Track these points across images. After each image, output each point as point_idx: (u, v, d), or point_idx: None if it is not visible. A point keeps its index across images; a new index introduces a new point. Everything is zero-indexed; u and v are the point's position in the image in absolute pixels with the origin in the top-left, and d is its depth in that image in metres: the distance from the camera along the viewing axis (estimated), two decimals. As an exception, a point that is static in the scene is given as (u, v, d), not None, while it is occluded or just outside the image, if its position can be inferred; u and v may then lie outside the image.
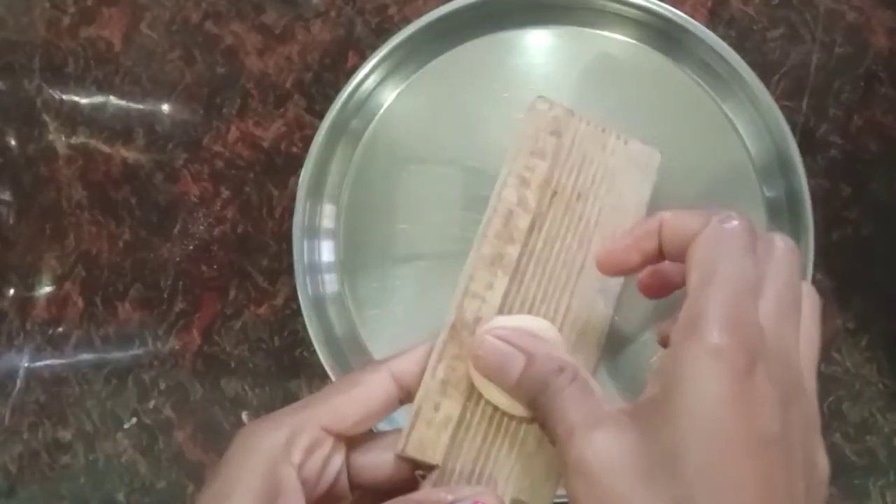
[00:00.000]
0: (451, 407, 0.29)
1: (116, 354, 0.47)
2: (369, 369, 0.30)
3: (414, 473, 0.30)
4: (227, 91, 0.48)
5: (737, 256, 0.25)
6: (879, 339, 0.42)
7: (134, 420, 0.46)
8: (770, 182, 0.42)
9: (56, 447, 0.47)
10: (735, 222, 0.26)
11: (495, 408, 0.29)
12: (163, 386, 0.46)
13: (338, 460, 0.29)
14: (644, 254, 0.29)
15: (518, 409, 0.29)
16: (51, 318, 0.48)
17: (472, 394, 0.29)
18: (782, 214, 0.41)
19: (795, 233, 0.40)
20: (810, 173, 0.41)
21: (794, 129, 0.41)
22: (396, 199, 0.44)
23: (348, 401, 0.29)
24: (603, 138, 0.33)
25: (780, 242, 0.27)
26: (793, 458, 0.23)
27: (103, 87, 0.49)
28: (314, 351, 0.42)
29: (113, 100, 0.49)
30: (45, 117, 0.49)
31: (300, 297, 0.43)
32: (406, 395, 0.30)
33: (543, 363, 0.27)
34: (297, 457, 0.27)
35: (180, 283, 0.47)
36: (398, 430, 0.30)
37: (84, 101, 0.49)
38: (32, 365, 0.47)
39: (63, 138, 0.49)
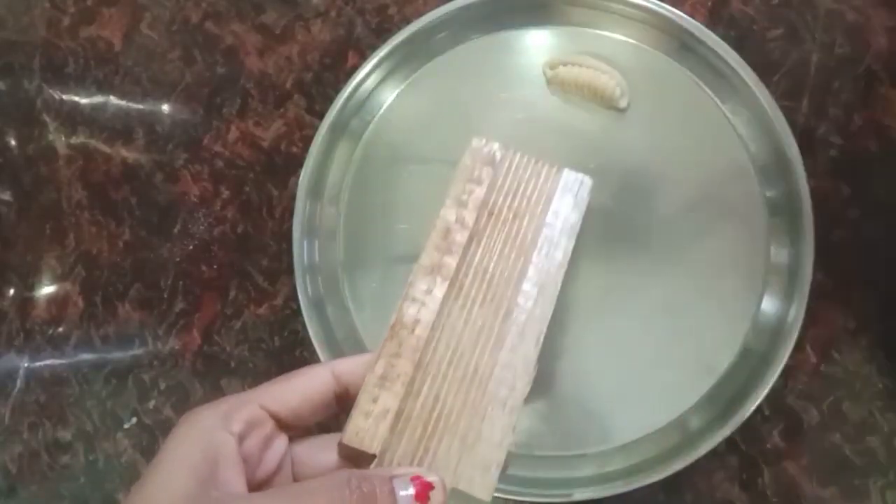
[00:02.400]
0: (389, 399, 0.31)
1: (116, 354, 0.47)
2: (312, 365, 0.31)
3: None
4: (227, 91, 0.48)
5: None
6: (879, 339, 0.42)
7: (134, 420, 0.46)
8: (770, 182, 0.42)
9: (56, 447, 0.46)
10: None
11: (434, 401, 0.31)
12: (163, 386, 0.46)
13: (280, 445, 0.30)
14: None
15: None
16: (51, 318, 0.48)
17: (411, 389, 0.31)
18: (782, 214, 0.41)
19: (795, 233, 0.40)
20: (810, 173, 0.40)
21: (794, 129, 0.41)
22: (396, 199, 0.44)
23: (287, 387, 0.30)
24: (537, 168, 0.36)
25: None
26: None
27: (103, 87, 0.49)
28: (314, 351, 0.42)
29: (113, 100, 0.49)
30: (45, 117, 0.49)
31: (300, 297, 0.43)
32: (344, 392, 0.31)
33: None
34: (236, 427, 0.27)
35: (180, 283, 0.47)
36: (339, 433, 0.31)
37: (84, 101, 0.49)
38: (32, 365, 0.47)
39: (63, 138, 0.49)
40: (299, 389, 0.30)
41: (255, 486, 0.29)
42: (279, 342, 0.46)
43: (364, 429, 0.30)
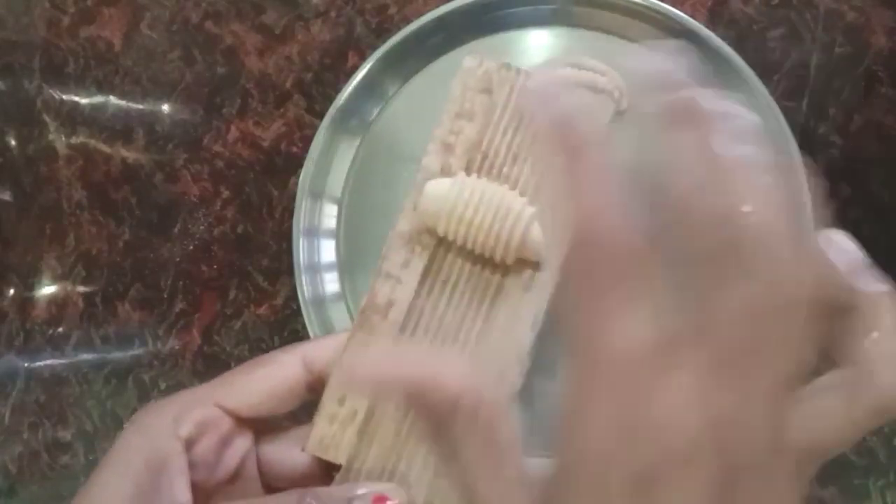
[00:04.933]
0: (357, 399, 0.26)
1: (116, 354, 0.47)
2: (280, 350, 0.28)
3: (330, 473, 0.28)
4: (227, 91, 0.48)
5: None
6: (879, 339, 0.42)
7: (134, 420, 0.46)
8: (770, 182, 0.42)
9: (56, 447, 0.46)
10: None
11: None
12: (163, 386, 0.46)
13: (241, 445, 0.27)
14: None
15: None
16: (51, 318, 0.48)
17: None
18: (782, 214, 0.41)
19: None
20: (810, 173, 0.40)
21: (794, 129, 0.41)
22: (396, 199, 0.44)
23: (249, 380, 0.27)
24: None
25: None
26: None
27: (103, 87, 0.49)
28: (314, 351, 0.42)
29: (113, 100, 0.49)
30: (45, 117, 0.49)
31: (300, 297, 0.43)
32: (318, 382, 0.27)
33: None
34: (184, 430, 0.25)
35: (180, 283, 0.47)
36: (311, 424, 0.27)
37: (84, 101, 0.49)
38: (32, 365, 0.47)
39: (63, 138, 0.49)
40: (262, 383, 0.27)
41: (213, 488, 0.26)
42: (279, 342, 0.45)
43: (329, 436, 0.26)
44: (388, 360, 0.22)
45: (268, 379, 0.27)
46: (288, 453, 0.28)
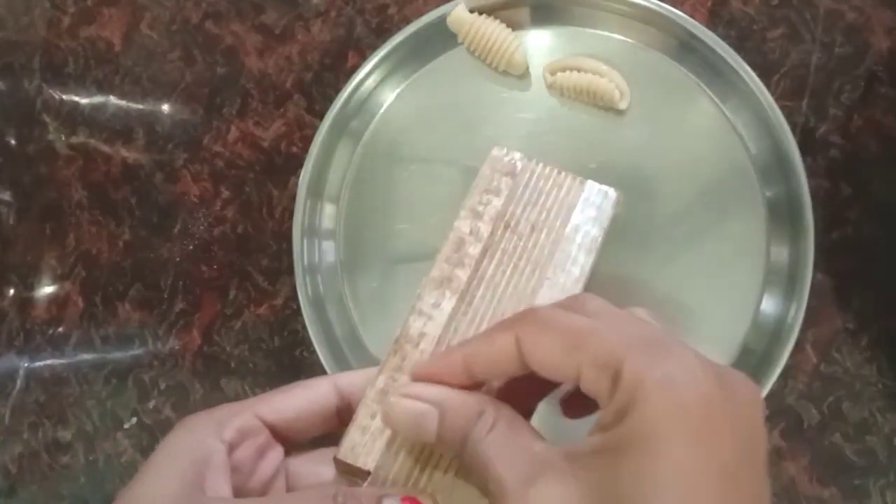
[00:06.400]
0: None
1: (116, 354, 0.47)
2: (314, 378, 0.31)
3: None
4: (227, 91, 0.48)
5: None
6: (879, 339, 0.42)
7: (134, 420, 0.46)
8: (770, 182, 0.42)
9: (56, 447, 0.46)
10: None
11: None
12: (163, 386, 0.46)
13: (274, 457, 0.29)
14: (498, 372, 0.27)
15: None
16: (51, 318, 0.48)
17: None
18: (782, 214, 0.41)
19: (795, 233, 0.40)
20: (810, 173, 0.40)
21: (794, 129, 0.41)
22: (396, 199, 0.44)
23: (286, 398, 0.30)
24: (559, 179, 0.34)
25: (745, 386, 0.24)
26: None
27: (103, 87, 0.49)
28: (314, 351, 0.42)
29: (113, 100, 0.49)
30: (45, 117, 0.49)
31: (300, 297, 0.43)
32: (346, 406, 0.30)
33: (458, 412, 0.26)
34: (227, 434, 0.28)
35: (180, 283, 0.47)
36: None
37: (84, 101, 0.49)
38: (32, 365, 0.47)
39: (63, 138, 0.49)
40: (299, 401, 0.30)
41: (247, 494, 0.29)
42: (279, 342, 0.46)
43: (360, 444, 0.29)
44: (421, 392, 0.27)
45: (303, 398, 0.30)
46: (314, 469, 0.30)
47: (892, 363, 0.41)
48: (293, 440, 0.30)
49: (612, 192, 0.34)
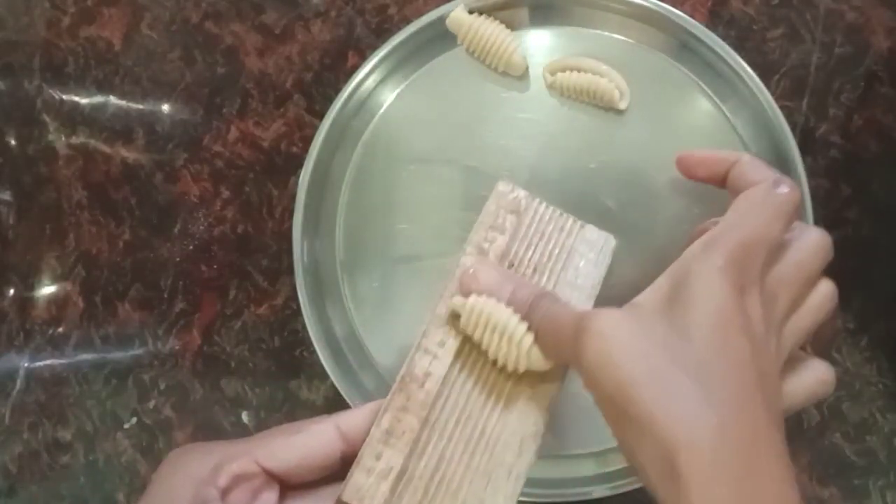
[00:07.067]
0: (393, 457, 0.30)
1: (116, 354, 0.47)
2: (316, 419, 0.31)
3: None
4: (227, 91, 0.48)
5: (769, 217, 0.29)
6: (879, 339, 0.42)
7: (134, 420, 0.46)
8: (770, 182, 0.42)
9: (56, 447, 0.47)
10: (785, 190, 0.29)
11: (439, 461, 0.30)
12: (163, 386, 0.46)
13: (269, 499, 0.29)
14: (710, 172, 0.34)
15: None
16: (51, 318, 0.48)
17: (416, 447, 0.30)
18: (782, 214, 0.41)
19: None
20: (810, 173, 0.40)
21: (794, 129, 0.41)
22: (396, 199, 0.44)
23: (287, 444, 0.29)
24: (561, 221, 0.35)
25: (816, 234, 0.30)
26: (768, 352, 0.28)
27: (103, 87, 0.49)
28: (314, 351, 0.42)
29: (113, 100, 0.49)
30: (45, 117, 0.49)
31: (300, 297, 0.43)
32: (351, 450, 0.30)
33: (529, 290, 0.31)
34: (222, 481, 0.28)
35: (180, 283, 0.47)
36: (339, 484, 0.30)
37: (84, 101, 0.49)
38: (32, 365, 0.47)
39: (63, 138, 0.49)
40: (300, 448, 0.29)
41: None
42: (279, 342, 0.46)
43: (365, 487, 0.29)
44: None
45: (305, 445, 0.30)
46: None
47: (892, 363, 0.41)
48: (291, 484, 0.30)
49: (611, 239, 0.35)
